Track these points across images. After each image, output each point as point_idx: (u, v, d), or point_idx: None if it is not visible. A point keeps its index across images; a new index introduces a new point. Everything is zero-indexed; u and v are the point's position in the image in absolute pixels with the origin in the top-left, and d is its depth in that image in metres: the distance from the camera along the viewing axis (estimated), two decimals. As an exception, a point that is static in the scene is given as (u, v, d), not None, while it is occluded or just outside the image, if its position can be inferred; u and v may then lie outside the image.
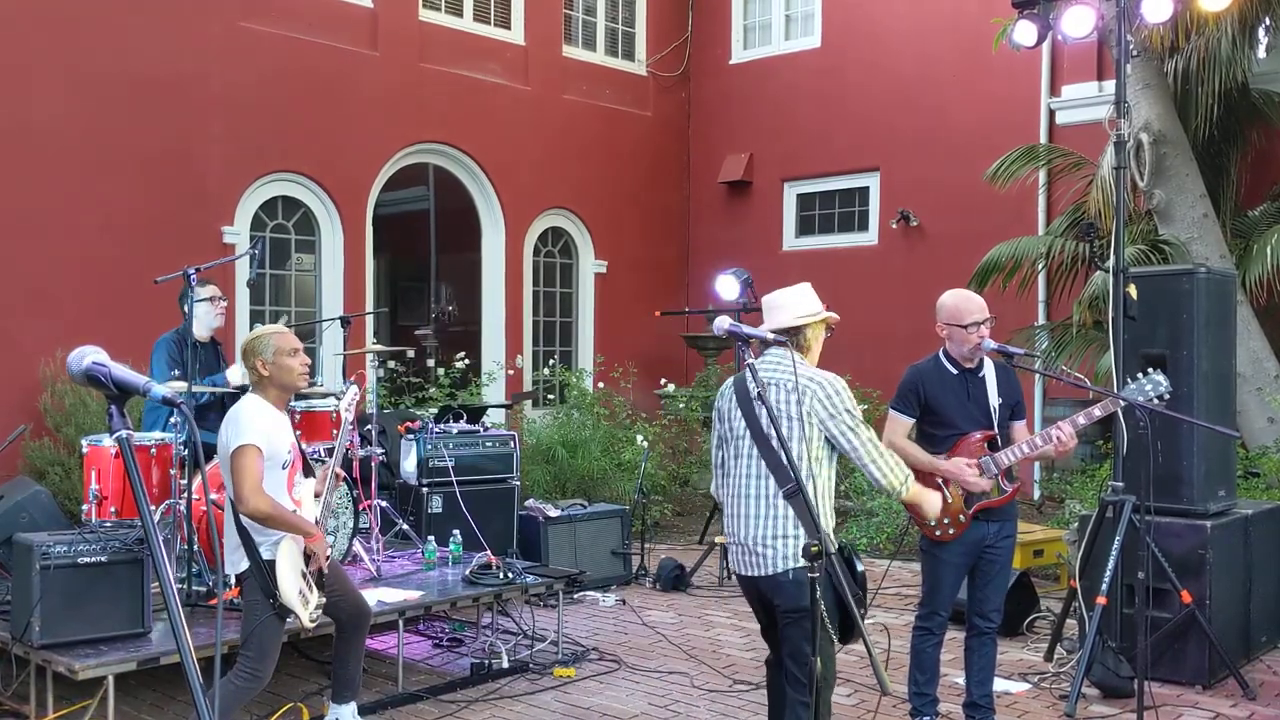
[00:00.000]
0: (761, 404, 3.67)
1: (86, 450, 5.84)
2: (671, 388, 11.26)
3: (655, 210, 13.05)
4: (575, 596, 7.30)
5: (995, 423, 4.64)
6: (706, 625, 6.89)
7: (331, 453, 5.17)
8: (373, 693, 5.35)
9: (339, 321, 7.61)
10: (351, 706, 4.74)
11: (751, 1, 13.22)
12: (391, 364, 10.08)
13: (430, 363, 10.96)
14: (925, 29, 11.55)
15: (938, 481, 4.59)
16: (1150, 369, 4.90)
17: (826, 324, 4.05)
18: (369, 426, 7.21)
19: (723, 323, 3.70)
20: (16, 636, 4.70)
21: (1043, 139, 10.71)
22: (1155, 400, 4.72)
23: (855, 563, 3.81)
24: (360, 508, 6.42)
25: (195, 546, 5.42)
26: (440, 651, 6.21)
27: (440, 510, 7.21)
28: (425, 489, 7.25)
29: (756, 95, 12.85)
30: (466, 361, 10.27)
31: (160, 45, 9.01)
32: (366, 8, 10.46)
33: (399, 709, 5.24)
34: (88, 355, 2.20)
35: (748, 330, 3.72)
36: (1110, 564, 5.34)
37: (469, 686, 5.54)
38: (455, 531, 6.63)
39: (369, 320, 10.20)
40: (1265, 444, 7.81)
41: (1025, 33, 6.66)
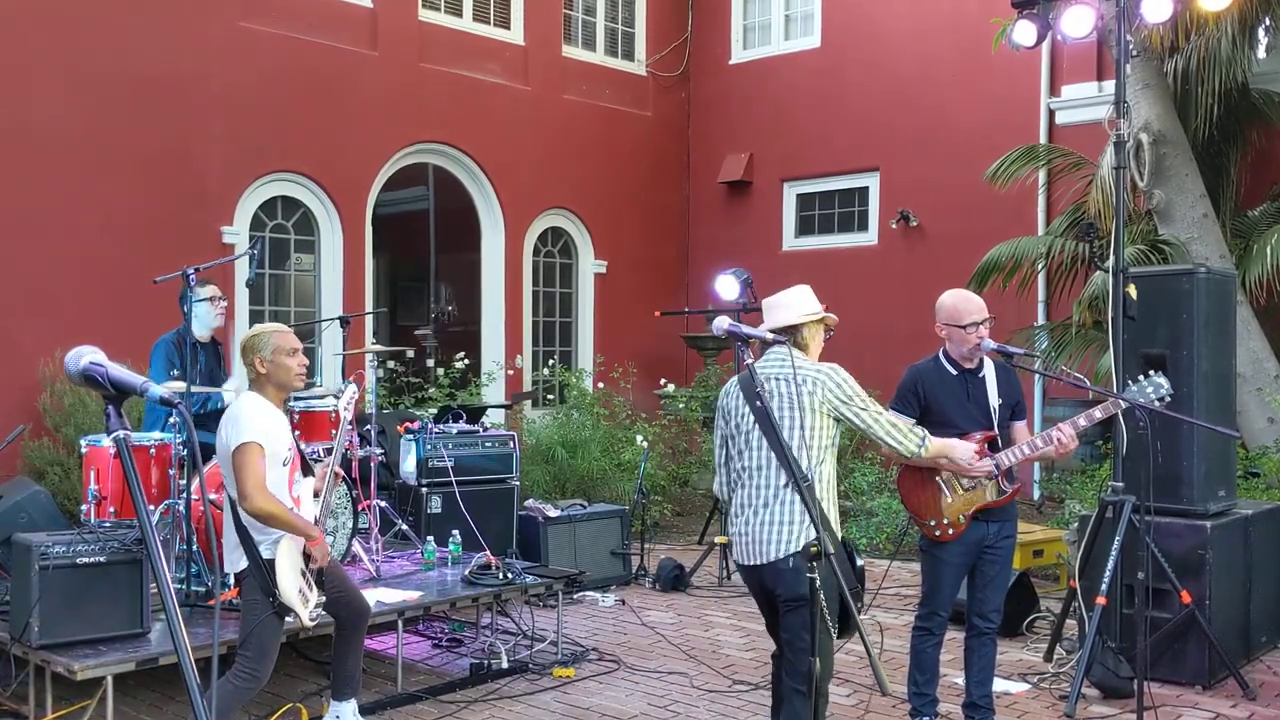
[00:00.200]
0: (767, 399, 3.79)
1: (85, 450, 5.83)
2: (671, 388, 11.26)
3: (655, 210, 13.04)
4: (575, 597, 7.29)
5: (995, 423, 4.64)
6: (706, 625, 6.89)
7: (331, 452, 5.17)
8: (372, 693, 5.35)
9: (338, 321, 7.62)
10: (352, 704, 4.74)
11: (751, 1, 13.21)
12: (391, 364, 10.08)
13: (430, 363, 10.95)
14: (925, 29, 11.55)
15: (937, 481, 4.59)
16: (1151, 371, 4.90)
17: (825, 325, 4.14)
18: (368, 426, 7.20)
19: (722, 323, 3.73)
20: (15, 636, 4.70)
21: (1043, 139, 10.71)
22: (1156, 402, 4.72)
23: (855, 557, 3.89)
24: (359, 508, 6.41)
25: (194, 547, 5.41)
26: (440, 652, 6.21)
27: (439, 510, 7.21)
28: (424, 489, 7.24)
29: (756, 95, 12.84)
30: (466, 362, 10.26)
31: (160, 45, 9.01)
32: (366, 8, 10.45)
33: (398, 709, 5.24)
34: (85, 355, 2.19)
35: (747, 330, 3.76)
36: (1110, 564, 5.33)
37: (468, 687, 5.54)
38: (454, 532, 6.63)
39: (368, 320, 10.18)
40: (1265, 444, 7.80)
41: (1025, 33, 6.66)
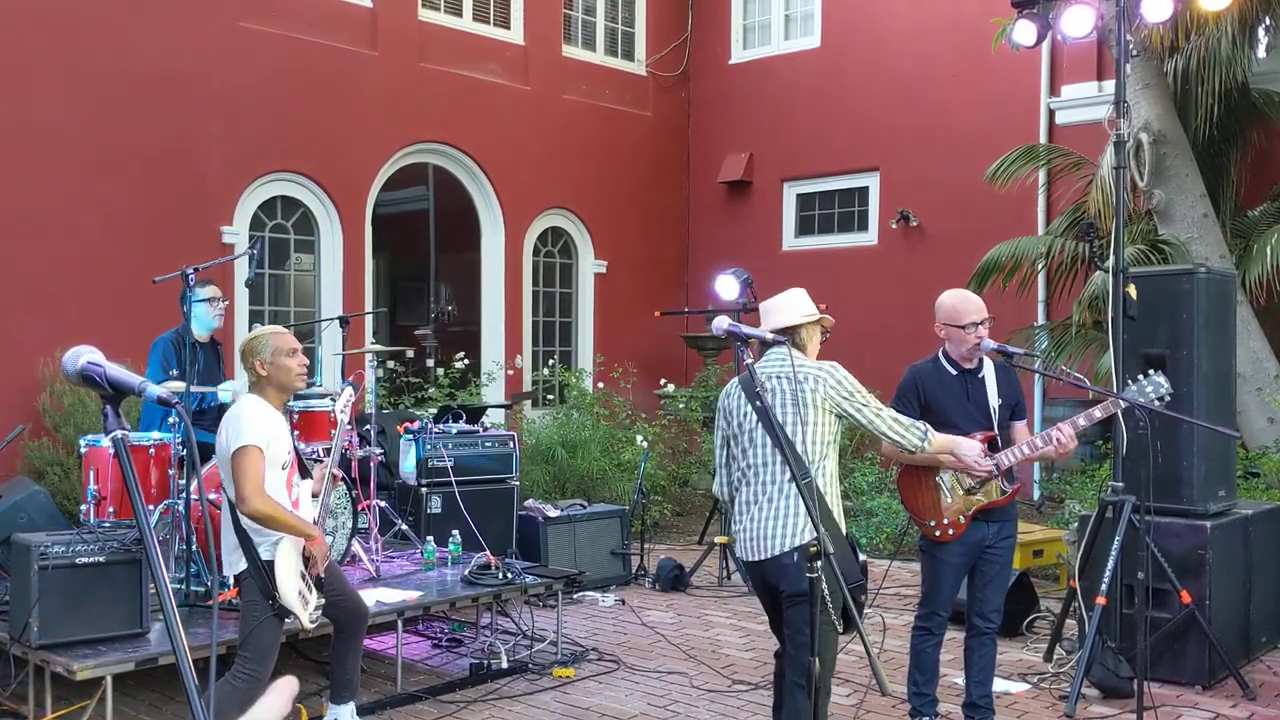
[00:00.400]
0: (768, 397, 3.84)
1: (85, 450, 5.83)
2: (671, 388, 11.25)
3: (655, 210, 13.04)
4: (574, 597, 7.29)
5: (995, 423, 4.63)
6: (706, 625, 6.89)
7: (330, 452, 5.17)
8: (372, 693, 5.35)
9: (338, 321, 7.62)
10: (350, 707, 4.74)
11: (751, 1, 13.20)
12: (391, 364, 10.08)
13: (429, 363, 10.94)
14: (925, 29, 11.54)
15: (937, 482, 4.59)
16: (1151, 370, 4.90)
17: (822, 326, 4.18)
18: (368, 426, 7.20)
19: (721, 323, 3.73)
20: (15, 636, 4.69)
21: (1042, 139, 10.70)
22: (1156, 402, 4.72)
23: (857, 551, 3.95)
24: (359, 508, 6.41)
25: (194, 547, 5.41)
26: (439, 652, 6.21)
27: (439, 510, 7.20)
28: (424, 489, 7.24)
29: (756, 95, 12.84)
30: (466, 361, 10.25)
31: (160, 45, 9.00)
32: (366, 8, 10.45)
33: (398, 709, 5.23)
34: (83, 355, 2.18)
35: (747, 330, 3.77)
36: (1110, 564, 5.33)
37: (468, 687, 5.54)
38: (454, 532, 6.62)
39: (368, 320, 10.17)
40: (1265, 444, 7.80)
41: (1025, 32, 6.66)
